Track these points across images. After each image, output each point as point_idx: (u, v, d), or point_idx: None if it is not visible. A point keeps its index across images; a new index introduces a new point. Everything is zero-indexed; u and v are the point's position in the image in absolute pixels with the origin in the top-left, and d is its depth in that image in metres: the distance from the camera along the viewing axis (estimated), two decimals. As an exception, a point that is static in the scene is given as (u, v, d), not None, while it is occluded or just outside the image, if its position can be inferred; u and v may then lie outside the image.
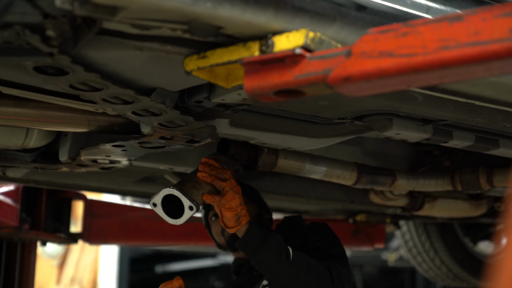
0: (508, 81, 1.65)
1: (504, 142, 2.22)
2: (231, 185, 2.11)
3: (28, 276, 3.47)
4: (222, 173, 2.12)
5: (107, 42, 1.36)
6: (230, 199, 2.09)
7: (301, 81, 1.21)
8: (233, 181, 2.12)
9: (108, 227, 3.76)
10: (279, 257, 2.11)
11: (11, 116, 1.79)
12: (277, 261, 2.11)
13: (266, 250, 2.11)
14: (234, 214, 2.11)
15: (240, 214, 2.12)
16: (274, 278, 2.15)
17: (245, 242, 2.14)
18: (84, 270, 8.27)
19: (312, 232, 2.40)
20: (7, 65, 1.45)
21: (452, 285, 4.63)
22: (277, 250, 2.12)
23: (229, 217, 2.11)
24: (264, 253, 2.11)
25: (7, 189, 3.27)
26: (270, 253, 2.11)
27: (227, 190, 2.10)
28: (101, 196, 5.67)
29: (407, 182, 2.68)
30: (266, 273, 2.16)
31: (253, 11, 1.27)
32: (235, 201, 2.10)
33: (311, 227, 2.43)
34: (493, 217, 3.68)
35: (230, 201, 2.09)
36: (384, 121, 1.96)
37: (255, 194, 2.60)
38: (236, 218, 2.12)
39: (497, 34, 1.00)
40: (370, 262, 8.68)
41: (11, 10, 1.21)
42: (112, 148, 2.03)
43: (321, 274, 2.15)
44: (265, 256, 2.12)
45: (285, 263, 2.11)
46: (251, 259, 2.16)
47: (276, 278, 2.14)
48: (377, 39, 1.13)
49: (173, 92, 1.70)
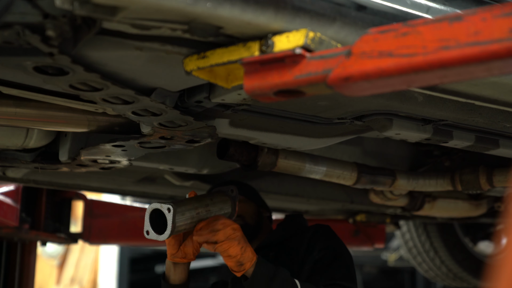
0: (508, 81, 1.65)
1: (504, 142, 2.22)
2: (225, 234, 2.04)
3: (28, 276, 3.47)
4: (214, 225, 2.05)
5: (107, 42, 1.36)
6: (227, 248, 2.04)
7: (301, 81, 1.21)
8: (227, 229, 2.05)
9: (108, 227, 3.76)
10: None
11: (11, 116, 1.79)
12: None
13: None
14: (235, 261, 2.06)
15: (242, 260, 2.06)
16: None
17: (252, 285, 2.09)
18: (84, 270, 8.28)
19: (317, 238, 2.36)
20: (7, 65, 1.44)
21: (452, 285, 4.63)
22: (285, 285, 2.08)
23: (231, 265, 2.07)
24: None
25: (7, 189, 3.27)
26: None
27: (221, 239, 2.04)
28: (101, 196, 5.67)
29: (407, 182, 2.68)
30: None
31: (253, 11, 1.27)
32: (232, 250, 2.04)
33: (315, 232, 2.39)
34: (493, 217, 3.69)
35: (227, 250, 2.04)
36: (384, 121, 1.96)
37: (254, 193, 2.60)
38: (238, 264, 2.06)
39: (497, 34, 1.00)
40: (370, 262, 8.68)
41: (11, 10, 1.21)
42: (112, 148, 2.03)
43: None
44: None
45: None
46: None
47: None
48: (377, 39, 1.13)
49: (173, 92, 1.70)
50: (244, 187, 2.57)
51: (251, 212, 2.48)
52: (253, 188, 2.64)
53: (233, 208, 2.23)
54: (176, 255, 2.14)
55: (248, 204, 2.49)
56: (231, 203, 2.23)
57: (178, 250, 2.14)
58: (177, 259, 2.14)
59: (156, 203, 2.02)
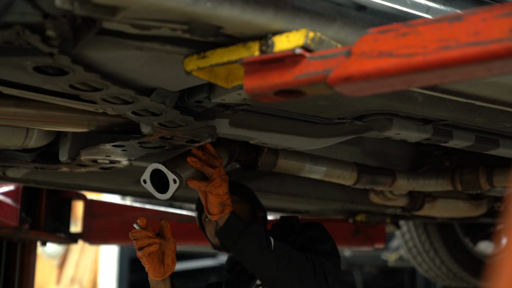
0: (508, 81, 1.65)
1: (504, 142, 2.22)
2: (220, 173, 2.10)
3: (28, 276, 3.47)
4: (213, 160, 2.11)
5: (107, 42, 1.36)
6: (218, 185, 2.08)
7: (301, 81, 1.21)
8: (222, 169, 2.11)
9: (108, 227, 3.76)
10: (259, 246, 2.10)
11: (11, 116, 1.79)
12: (257, 250, 2.10)
13: (246, 239, 2.10)
14: (220, 202, 2.10)
15: (225, 203, 2.11)
16: (253, 267, 2.13)
17: (225, 231, 2.13)
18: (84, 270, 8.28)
19: (304, 230, 2.39)
20: (7, 65, 1.45)
21: (452, 285, 4.63)
22: (257, 239, 2.11)
23: (215, 203, 2.10)
24: (244, 241, 2.10)
25: (7, 189, 3.27)
26: (250, 242, 2.10)
27: (215, 177, 2.09)
28: (101, 196, 5.67)
29: (407, 182, 2.68)
30: (246, 262, 2.14)
31: (253, 11, 1.27)
32: (222, 188, 2.09)
33: (305, 226, 2.42)
34: (493, 217, 3.68)
35: (217, 188, 2.08)
36: (384, 121, 1.96)
37: (248, 192, 2.60)
38: (221, 206, 2.11)
39: (497, 34, 1.00)
40: (370, 262, 8.67)
41: (11, 10, 1.21)
42: (112, 148, 2.03)
43: (303, 264, 2.13)
44: (245, 244, 2.11)
45: (265, 252, 2.09)
46: (231, 248, 2.15)
47: (255, 267, 2.13)
48: (377, 39, 1.13)
49: (173, 92, 1.70)
50: (238, 187, 2.58)
51: (245, 212, 2.48)
52: (248, 188, 2.65)
53: (228, 162, 2.26)
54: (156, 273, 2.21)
55: (242, 204, 2.49)
56: (228, 157, 2.25)
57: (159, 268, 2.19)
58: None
59: (164, 167, 2.02)
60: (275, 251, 2.11)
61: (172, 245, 2.20)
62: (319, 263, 2.17)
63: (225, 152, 2.23)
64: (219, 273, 9.28)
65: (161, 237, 2.20)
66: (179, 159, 2.09)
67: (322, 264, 2.18)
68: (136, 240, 2.16)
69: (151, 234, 2.15)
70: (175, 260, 2.22)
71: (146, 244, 2.15)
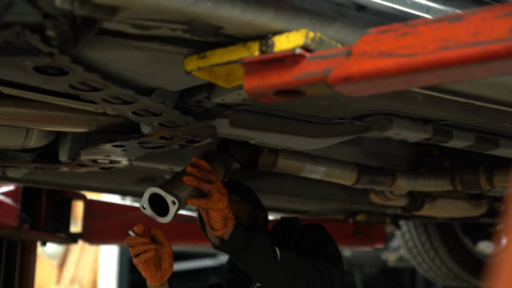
0: (508, 81, 1.65)
1: (504, 142, 2.22)
2: (218, 187, 2.08)
3: (28, 276, 3.47)
4: (210, 176, 2.10)
5: (107, 42, 1.36)
6: (218, 200, 2.07)
7: (301, 81, 1.21)
8: (219, 183, 2.10)
9: (108, 227, 3.76)
10: (265, 257, 2.09)
11: (11, 116, 1.79)
12: (263, 262, 2.09)
13: (252, 251, 2.10)
14: (222, 216, 2.09)
15: (227, 217, 2.10)
16: (261, 279, 2.13)
17: (230, 245, 2.12)
18: (84, 270, 8.27)
19: (307, 233, 2.38)
20: (7, 65, 1.45)
21: (452, 285, 4.63)
22: (263, 251, 2.10)
23: (217, 218, 2.09)
24: (249, 254, 2.09)
25: (7, 189, 3.27)
26: (256, 254, 2.10)
27: (213, 192, 2.07)
28: (101, 196, 5.67)
29: (407, 182, 2.68)
30: (253, 274, 2.14)
31: (253, 11, 1.27)
32: (222, 203, 2.08)
33: (306, 228, 2.41)
34: (493, 217, 3.68)
35: (217, 203, 2.07)
36: (384, 121, 1.96)
37: (249, 192, 2.60)
38: (223, 220, 2.10)
39: (497, 34, 1.00)
40: (370, 262, 8.67)
41: (11, 10, 1.21)
42: (112, 148, 2.03)
43: (310, 273, 2.13)
44: (251, 257, 2.10)
45: (272, 263, 2.09)
46: (237, 261, 2.15)
47: (263, 279, 2.13)
48: (377, 39, 1.13)
49: (173, 92, 1.70)
50: (239, 187, 2.57)
51: (246, 213, 2.47)
52: (249, 188, 2.64)
53: (225, 176, 2.26)
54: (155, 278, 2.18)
55: (243, 204, 2.49)
56: (224, 170, 2.25)
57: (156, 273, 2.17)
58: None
59: (161, 190, 2.03)
60: (282, 261, 2.10)
61: (168, 248, 2.18)
62: (325, 270, 2.17)
63: (220, 166, 2.23)
64: (219, 273, 9.27)
65: (157, 242, 2.19)
66: (175, 180, 2.09)
67: (328, 271, 2.18)
68: (131, 247, 2.12)
69: (146, 241, 2.12)
70: (172, 263, 2.20)
71: (142, 251, 2.11)
